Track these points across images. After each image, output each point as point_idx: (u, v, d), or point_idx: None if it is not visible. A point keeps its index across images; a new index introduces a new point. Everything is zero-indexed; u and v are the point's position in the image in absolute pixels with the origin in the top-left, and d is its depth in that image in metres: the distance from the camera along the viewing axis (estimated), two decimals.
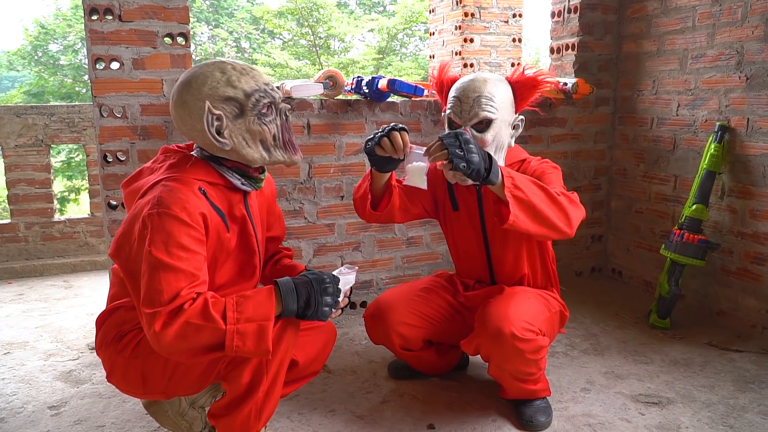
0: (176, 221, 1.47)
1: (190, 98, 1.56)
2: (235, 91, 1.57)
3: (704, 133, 2.99)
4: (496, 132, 1.96)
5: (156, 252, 1.44)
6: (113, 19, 2.53)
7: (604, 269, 3.73)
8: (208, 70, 1.58)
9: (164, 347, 1.42)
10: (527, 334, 1.89)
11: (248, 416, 1.65)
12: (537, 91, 2.04)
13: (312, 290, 1.57)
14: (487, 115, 1.93)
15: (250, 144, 1.61)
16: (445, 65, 2.16)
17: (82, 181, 13.51)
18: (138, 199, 1.57)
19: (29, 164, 4.18)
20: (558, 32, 3.61)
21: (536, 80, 2.02)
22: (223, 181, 1.65)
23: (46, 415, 2.19)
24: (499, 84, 1.99)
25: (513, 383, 2.04)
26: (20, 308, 3.44)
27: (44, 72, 16.74)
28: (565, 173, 3.48)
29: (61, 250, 4.31)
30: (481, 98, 1.93)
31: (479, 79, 1.97)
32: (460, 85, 2.01)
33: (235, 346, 1.44)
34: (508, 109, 2.00)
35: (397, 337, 2.14)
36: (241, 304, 1.48)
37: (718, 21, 2.88)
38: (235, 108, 1.58)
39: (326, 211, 3.04)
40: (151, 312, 1.41)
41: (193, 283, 1.47)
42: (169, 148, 1.70)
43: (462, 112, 1.96)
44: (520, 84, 2.03)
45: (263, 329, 1.46)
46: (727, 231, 2.89)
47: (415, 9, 15.44)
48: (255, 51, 17.83)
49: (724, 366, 2.50)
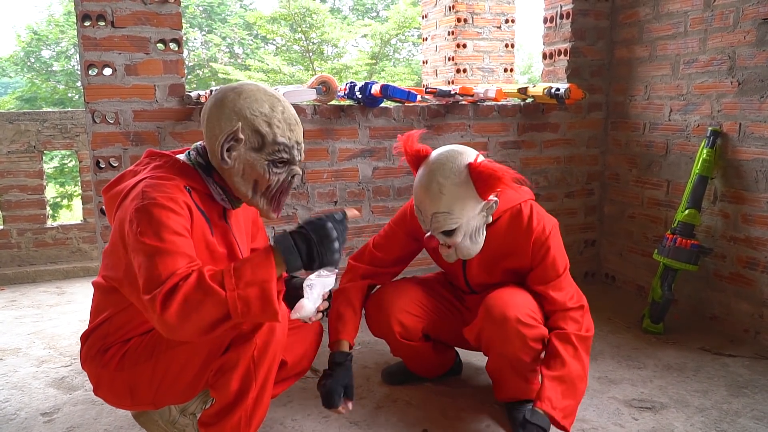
0: (163, 209, 1.45)
1: (229, 108, 1.57)
2: (268, 131, 1.58)
3: (696, 138, 3.00)
4: (465, 230, 1.90)
5: (148, 240, 1.42)
6: (106, 25, 2.53)
7: (597, 274, 3.73)
8: (261, 97, 1.59)
9: (171, 329, 1.37)
10: (531, 321, 1.94)
11: (238, 423, 1.64)
12: (498, 186, 1.88)
13: (312, 241, 1.51)
14: (448, 228, 1.88)
15: (244, 177, 1.61)
16: (408, 138, 1.99)
17: (74, 187, 13.47)
18: (120, 201, 1.55)
19: (22, 170, 4.17)
20: (550, 38, 3.63)
21: (497, 180, 1.84)
22: (206, 189, 1.64)
23: (39, 422, 2.17)
24: (456, 189, 1.84)
25: (511, 378, 2.04)
26: (13, 315, 3.41)
27: (37, 78, 16.71)
28: (557, 178, 3.51)
29: (54, 257, 4.29)
30: (438, 216, 1.86)
31: (434, 192, 1.84)
32: (417, 194, 1.91)
33: (240, 313, 1.39)
34: (472, 207, 1.88)
35: (397, 324, 2.13)
36: (239, 269, 1.42)
37: (710, 26, 2.90)
38: (257, 142, 1.58)
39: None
40: (149, 297, 1.38)
41: (189, 263, 1.43)
42: (154, 151, 1.68)
43: (425, 223, 1.93)
44: (479, 180, 1.85)
45: (266, 292, 1.41)
46: (719, 236, 2.91)
47: (408, 15, 15.50)
48: (248, 56, 17.84)
49: (717, 371, 2.51)
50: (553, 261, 2.00)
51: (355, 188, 3.08)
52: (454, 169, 1.85)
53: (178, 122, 2.71)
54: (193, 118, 2.73)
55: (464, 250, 1.95)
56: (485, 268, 2.09)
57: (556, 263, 2.01)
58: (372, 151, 3.08)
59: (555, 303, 2.00)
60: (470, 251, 1.96)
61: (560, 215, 3.54)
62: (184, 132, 2.72)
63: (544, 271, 2.01)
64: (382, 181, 3.13)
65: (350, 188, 3.07)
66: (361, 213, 3.10)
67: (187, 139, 2.73)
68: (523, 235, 2.00)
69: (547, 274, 2.01)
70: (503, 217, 2.02)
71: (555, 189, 3.52)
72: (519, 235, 2.00)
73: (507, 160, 3.28)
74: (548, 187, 3.48)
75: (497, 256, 2.05)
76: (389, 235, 2.21)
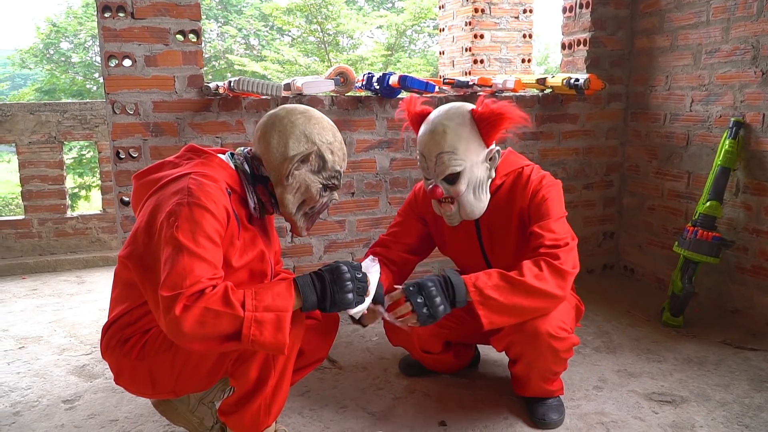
0: (206, 212, 1.49)
1: (299, 130, 1.68)
2: (331, 158, 1.72)
3: (718, 129, 2.96)
4: (469, 178, 1.90)
5: (182, 237, 1.44)
6: (126, 17, 2.54)
7: (616, 266, 3.70)
8: (326, 126, 1.73)
9: (182, 333, 1.39)
10: (562, 333, 1.89)
11: (258, 412, 1.65)
12: (502, 126, 1.89)
13: (325, 281, 1.57)
14: (453, 170, 1.88)
15: (296, 194, 1.72)
16: (410, 99, 2.03)
17: (92, 178, 13.59)
18: (156, 190, 1.58)
19: (42, 161, 4.22)
20: (569, 27, 3.58)
21: (500, 116, 1.87)
22: (243, 194, 1.68)
23: (61, 409, 2.20)
24: (461, 129, 1.87)
25: (536, 382, 2.03)
26: (34, 303, 3.46)
27: (56, 70, 16.85)
28: (576, 170, 3.48)
29: (74, 246, 4.34)
30: (443, 155, 1.86)
31: (438, 132, 1.87)
32: (421, 139, 1.93)
33: (252, 335, 1.43)
34: (475, 151, 1.89)
35: (417, 339, 2.15)
36: (260, 293, 1.48)
37: (732, 15, 2.85)
38: (318, 166, 1.71)
39: (337, 207, 3.04)
40: (171, 295, 1.39)
41: (214, 274, 1.47)
42: (196, 146, 1.72)
43: (429, 169, 1.92)
44: (483, 120, 1.89)
45: (281, 320, 1.46)
46: (741, 228, 2.87)
47: (424, 5, 15.39)
48: (264, 48, 17.85)
49: (739, 365, 2.48)
50: (547, 205, 1.92)
51: (373, 179, 3.08)
52: (458, 113, 1.91)
53: (196, 113, 2.72)
54: (211, 109, 2.74)
55: (467, 207, 1.92)
56: (499, 237, 2.05)
57: (549, 207, 1.92)
58: (389, 142, 3.07)
59: (538, 239, 1.88)
60: (474, 208, 1.94)
61: (579, 207, 3.52)
62: (202, 123, 2.73)
63: (536, 211, 1.93)
64: (400, 173, 3.12)
65: (367, 179, 3.06)
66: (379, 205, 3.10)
67: (205, 129, 2.74)
68: (522, 188, 1.98)
69: (539, 214, 1.92)
70: (506, 181, 2.01)
71: (573, 181, 3.49)
72: (519, 190, 1.98)
73: (525, 152, 3.26)
74: (567, 178, 3.45)
75: (506, 219, 2.01)
76: (399, 222, 2.23)
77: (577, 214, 3.50)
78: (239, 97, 2.77)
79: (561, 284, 1.82)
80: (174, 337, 1.42)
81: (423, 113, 1.99)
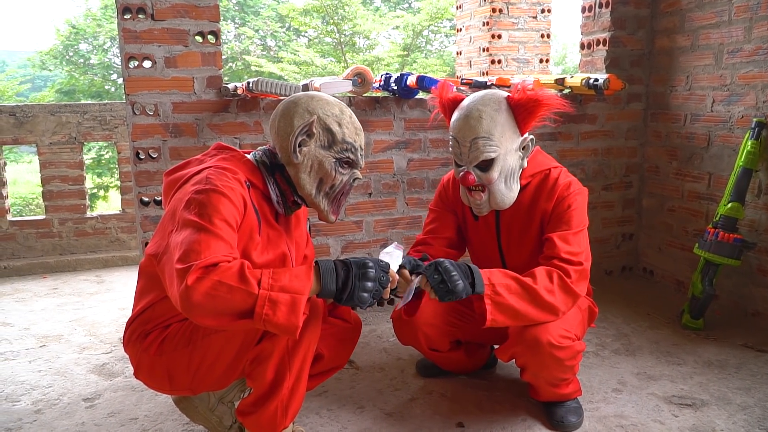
0: (223, 197, 1.50)
1: (302, 107, 1.67)
2: (339, 130, 1.69)
3: (740, 130, 2.92)
4: (502, 165, 1.89)
5: (199, 219, 1.46)
6: (146, 18, 2.56)
7: (635, 268, 3.67)
8: (332, 101, 1.72)
9: (192, 305, 1.37)
10: (564, 342, 1.87)
11: (275, 413, 1.66)
12: (539, 113, 1.89)
13: (350, 273, 1.54)
14: (487, 156, 1.86)
15: (311, 173, 1.69)
16: (443, 85, 2.05)
17: (111, 178, 13.73)
18: (180, 185, 1.60)
19: (63, 161, 4.27)
20: (589, 27, 3.56)
21: (537, 101, 1.88)
22: (265, 190, 1.68)
23: (81, 407, 2.23)
24: (497, 115, 1.87)
25: (547, 388, 2.02)
26: (55, 302, 3.51)
27: (75, 71, 17.04)
28: (595, 171, 3.45)
29: (94, 246, 4.39)
30: (478, 140, 1.85)
31: (474, 117, 1.86)
32: (455, 124, 1.92)
33: (264, 314, 1.40)
34: (510, 138, 1.89)
35: (423, 337, 2.14)
36: (277, 273, 1.46)
37: (755, 15, 2.81)
38: (327, 140, 1.68)
39: (354, 208, 3.04)
40: (184, 267, 1.38)
41: (230, 253, 1.46)
42: (223, 145, 1.74)
43: (462, 155, 1.91)
44: (520, 107, 1.89)
45: (296, 302, 1.43)
46: (763, 230, 2.83)
47: (441, 5, 15.36)
48: (281, 49, 17.91)
49: (761, 368, 2.44)
50: (570, 214, 1.91)
51: (390, 180, 3.07)
52: (494, 99, 1.91)
53: (215, 114, 2.74)
54: (230, 110, 2.75)
55: (498, 195, 1.91)
56: (517, 237, 2.04)
57: (572, 216, 1.91)
58: (407, 142, 3.06)
59: (554, 249, 1.87)
60: (504, 198, 1.93)
61: (598, 208, 3.49)
62: (221, 123, 2.75)
63: (559, 218, 1.92)
64: (417, 173, 3.12)
65: (385, 180, 3.07)
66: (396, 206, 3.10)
67: (224, 130, 2.76)
68: (548, 192, 1.96)
69: (561, 222, 1.91)
70: (532, 181, 2.00)
71: (592, 181, 3.46)
72: (545, 192, 1.96)
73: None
74: (585, 179, 3.42)
75: (527, 220, 2.00)
76: (434, 218, 2.21)
77: (596, 216, 3.48)
78: (257, 98, 2.79)
79: (567, 303, 1.84)
80: (185, 309, 1.39)
81: (456, 99, 2.00)
